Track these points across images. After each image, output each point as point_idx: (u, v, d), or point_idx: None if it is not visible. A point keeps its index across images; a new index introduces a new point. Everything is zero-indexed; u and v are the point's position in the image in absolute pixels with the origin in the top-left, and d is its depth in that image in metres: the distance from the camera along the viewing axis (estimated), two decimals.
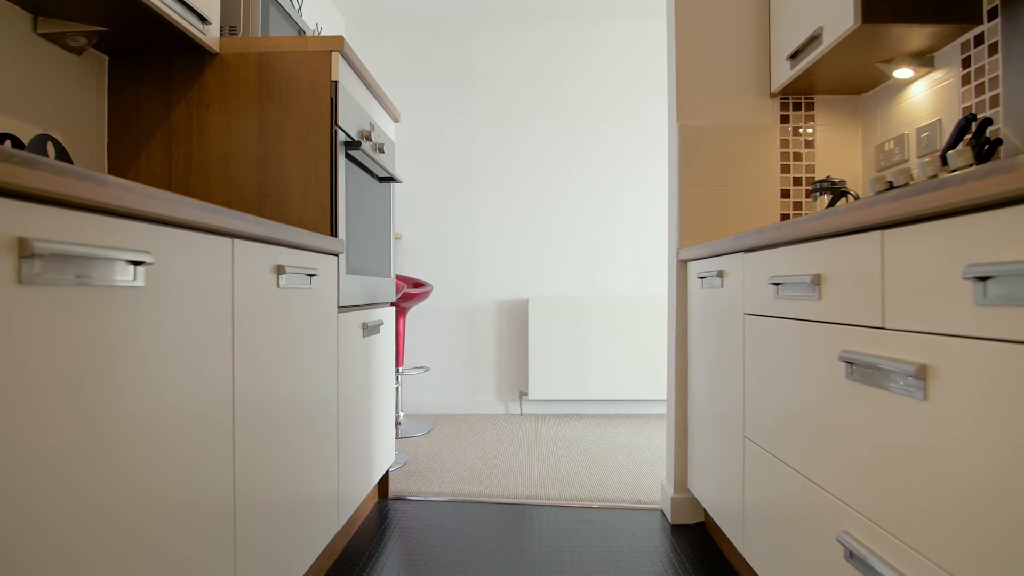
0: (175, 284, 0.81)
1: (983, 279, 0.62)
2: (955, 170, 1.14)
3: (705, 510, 1.80)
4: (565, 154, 3.54)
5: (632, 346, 3.40)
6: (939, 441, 0.70)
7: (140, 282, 0.73)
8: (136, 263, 0.72)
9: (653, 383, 3.38)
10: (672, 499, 1.86)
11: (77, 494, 0.63)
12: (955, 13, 1.37)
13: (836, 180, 1.67)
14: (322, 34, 3.14)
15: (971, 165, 1.14)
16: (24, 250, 0.56)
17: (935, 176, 1.15)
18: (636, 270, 3.54)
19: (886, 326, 0.80)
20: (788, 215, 1.85)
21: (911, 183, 0.95)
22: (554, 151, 3.54)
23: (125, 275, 0.71)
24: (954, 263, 0.67)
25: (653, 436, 2.96)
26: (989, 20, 1.35)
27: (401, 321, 3.08)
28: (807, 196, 1.85)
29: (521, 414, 3.50)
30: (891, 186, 1.11)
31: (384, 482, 2.11)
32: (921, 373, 0.72)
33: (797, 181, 1.85)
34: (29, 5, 1.27)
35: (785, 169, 1.85)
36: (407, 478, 2.29)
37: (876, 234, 0.82)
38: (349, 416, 1.58)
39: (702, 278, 1.66)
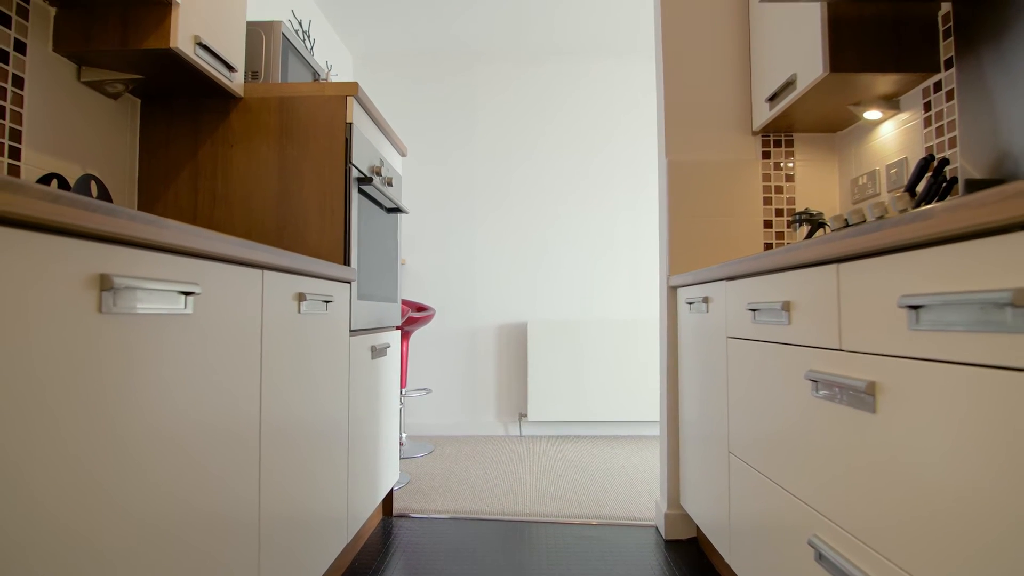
0: (216, 311, 0.92)
1: (915, 308, 0.73)
2: (902, 211, 1.26)
3: (697, 526, 1.88)
4: (562, 183, 3.68)
5: (629, 368, 3.50)
6: (888, 450, 0.80)
7: (189, 310, 0.84)
8: (187, 293, 0.83)
9: (649, 404, 3.46)
10: (666, 515, 1.94)
11: (149, 495, 0.73)
12: (915, 63, 1.51)
13: (814, 212, 1.79)
14: (332, 70, 3.30)
15: (906, 210, 1.26)
16: (105, 284, 0.67)
17: (904, 210, 1.26)
18: (632, 294, 3.65)
19: (843, 348, 0.91)
20: (771, 244, 1.97)
21: (865, 221, 1.07)
22: (551, 180, 3.68)
23: (177, 304, 0.81)
24: (892, 294, 0.78)
25: (649, 456, 3.03)
26: (946, 69, 1.49)
27: (405, 344, 3.18)
28: (788, 226, 1.97)
29: (521, 435, 3.57)
30: (847, 224, 1.23)
31: (388, 500, 2.18)
32: (870, 389, 0.82)
33: (779, 212, 1.97)
34: (75, 56, 1.41)
35: (767, 201, 1.97)
36: (410, 496, 2.37)
37: (832, 267, 0.93)
38: (358, 436, 1.67)
39: (690, 303, 1.77)
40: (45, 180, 1.29)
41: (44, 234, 0.60)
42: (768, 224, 1.97)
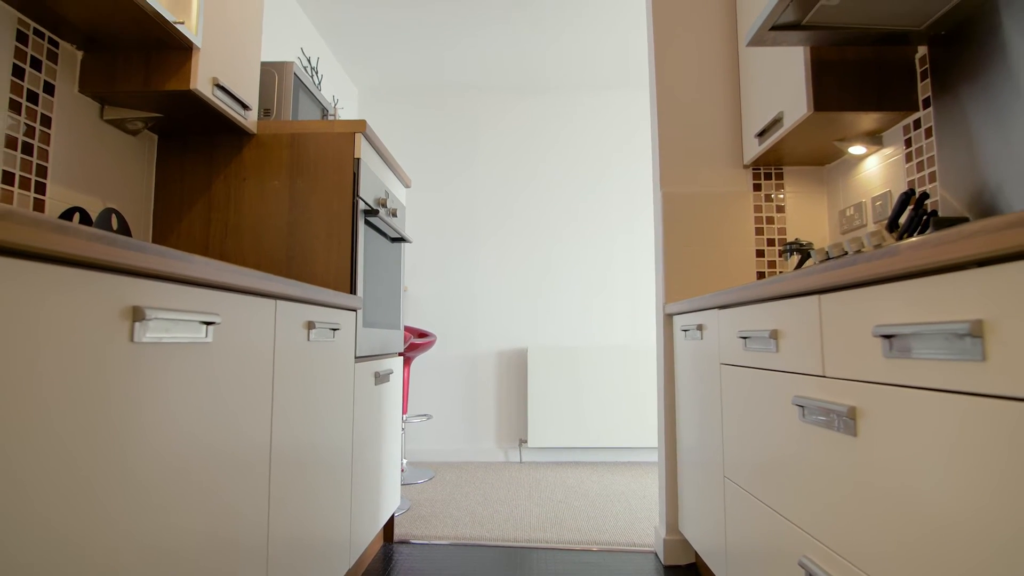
0: (233, 340, 0.97)
1: (888, 336, 0.79)
2: (876, 246, 1.32)
3: (695, 551, 1.90)
4: (560, 211, 3.76)
5: (629, 394, 3.53)
6: (869, 472, 0.84)
7: (210, 339, 0.89)
8: (208, 323, 0.88)
9: (649, 430, 3.48)
10: (665, 541, 1.96)
11: (168, 519, 0.78)
12: (895, 102, 1.59)
13: (804, 242, 1.85)
14: (339, 103, 3.41)
15: (880, 245, 1.32)
16: (137, 315, 0.73)
17: (878, 245, 1.33)
18: (630, 321, 3.70)
19: (826, 374, 0.96)
20: (764, 273, 2.03)
21: (844, 255, 1.13)
22: (550, 208, 3.77)
23: (199, 333, 0.87)
24: (868, 323, 0.84)
25: (648, 482, 3.04)
26: (924, 108, 1.57)
27: (406, 370, 3.22)
28: (780, 256, 2.03)
29: (521, 461, 3.59)
30: (827, 257, 1.29)
31: (389, 526, 2.20)
32: (851, 414, 0.87)
33: (770, 242, 2.04)
34: (99, 96, 1.49)
35: (759, 231, 2.04)
36: (411, 522, 2.38)
37: (815, 298, 0.99)
38: (361, 461, 1.70)
39: (685, 331, 1.82)
40: (68, 213, 1.35)
41: (88, 271, 0.66)
42: (760, 253, 2.04)
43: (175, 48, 1.41)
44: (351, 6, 2.89)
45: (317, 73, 2.71)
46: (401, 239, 2.16)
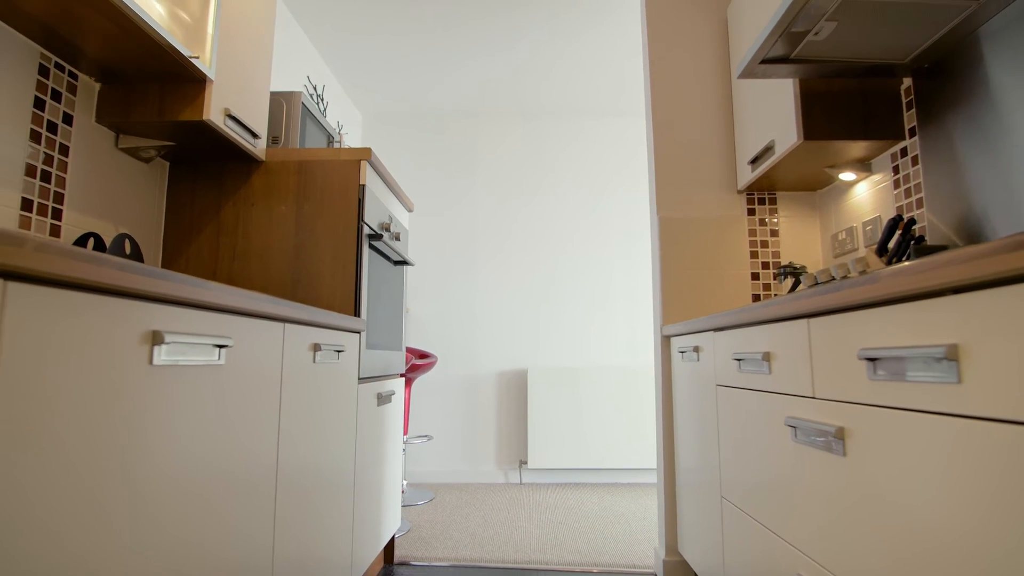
0: (244, 362, 1.00)
1: (872, 360, 0.82)
2: (862, 272, 1.37)
3: (695, 571, 1.90)
4: (560, 233, 3.82)
5: (628, 415, 3.54)
6: (858, 491, 0.87)
7: (222, 361, 0.93)
8: (220, 346, 0.92)
9: (649, 451, 3.49)
10: (664, 562, 1.96)
11: (179, 540, 0.80)
12: (882, 131, 1.64)
13: (798, 266, 1.90)
14: (343, 129, 3.49)
15: (865, 271, 1.36)
16: (156, 339, 0.77)
17: (864, 271, 1.37)
18: (630, 342, 3.73)
19: (816, 396, 0.99)
20: (759, 295, 2.07)
21: (833, 280, 1.17)
22: (549, 230, 3.82)
23: (212, 356, 0.90)
24: (853, 346, 0.87)
25: (649, 503, 3.04)
26: (910, 137, 1.62)
27: (407, 391, 3.24)
28: (774, 279, 2.07)
29: (521, 483, 3.58)
30: (816, 282, 1.33)
31: (390, 547, 2.21)
32: (840, 434, 0.90)
33: (765, 265, 2.08)
34: (114, 126, 1.54)
35: (754, 255, 2.08)
36: (411, 544, 2.38)
37: (804, 321, 1.03)
38: (363, 483, 1.72)
39: (682, 352, 1.85)
40: (83, 239, 1.40)
41: (114, 297, 0.70)
42: (755, 276, 2.08)
43: (189, 80, 1.47)
44: (355, 35, 2.98)
45: (323, 100, 2.79)
46: (404, 262, 2.21)
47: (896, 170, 1.68)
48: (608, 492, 3.33)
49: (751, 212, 2.12)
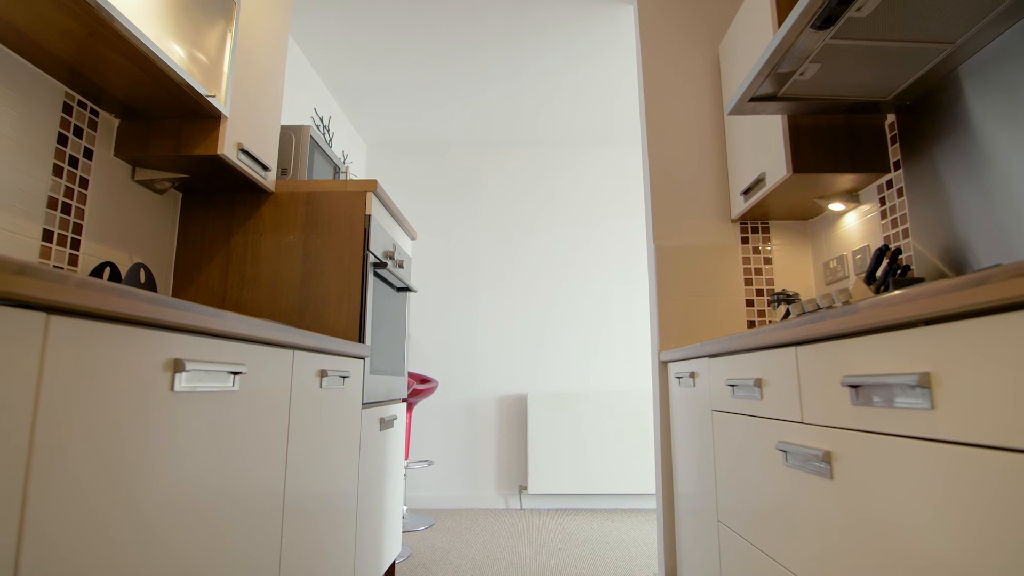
0: (256, 388, 1.05)
1: (855, 386, 0.87)
2: (845, 302, 1.42)
3: None
4: (559, 259, 3.88)
5: (629, 440, 3.55)
6: (846, 513, 0.91)
7: (236, 387, 0.97)
8: (235, 373, 0.97)
9: (650, 477, 3.49)
10: None
11: (190, 564, 0.84)
12: (868, 165, 1.71)
13: (791, 293, 1.95)
14: (348, 158, 3.57)
15: (848, 301, 1.42)
16: (178, 367, 0.81)
17: (847, 302, 1.42)
18: (630, 366, 3.76)
19: (804, 421, 1.04)
20: (754, 322, 2.12)
21: (819, 309, 1.22)
22: (549, 256, 3.89)
23: (227, 383, 0.95)
24: (837, 374, 0.92)
25: (649, 530, 3.04)
26: (895, 169, 1.69)
27: (408, 415, 3.26)
28: (768, 305, 2.12)
29: (521, 508, 3.58)
30: (803, 311, 1.38)
31: (391, 573, 2.21)
32: (827, 458, 0.94)
33: (759, 292, 2.13)
34: (131, 160, 1.61)
35: (748, 282, 2.14)
36: (412, 570, 2.39)
37: (792, 349, 1.07)
38: (366, 508, 1.75)
39: (679, 378, 1.89)
40: (100, 268, 1.45)
41: (142, 328, 0.74)
42: (750, 303, 2.13)
43: (205, 117, 1.54)
44: (359, 67, 3.08)
45: (329, 131, 2.87)
46: (407, 288, 2.26)
47: (883, 201, 1.74)
48: (608, 518, 3.33)
49: (745, 240, 2.18)
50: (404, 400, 2.32)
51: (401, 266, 2.15)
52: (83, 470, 0.65)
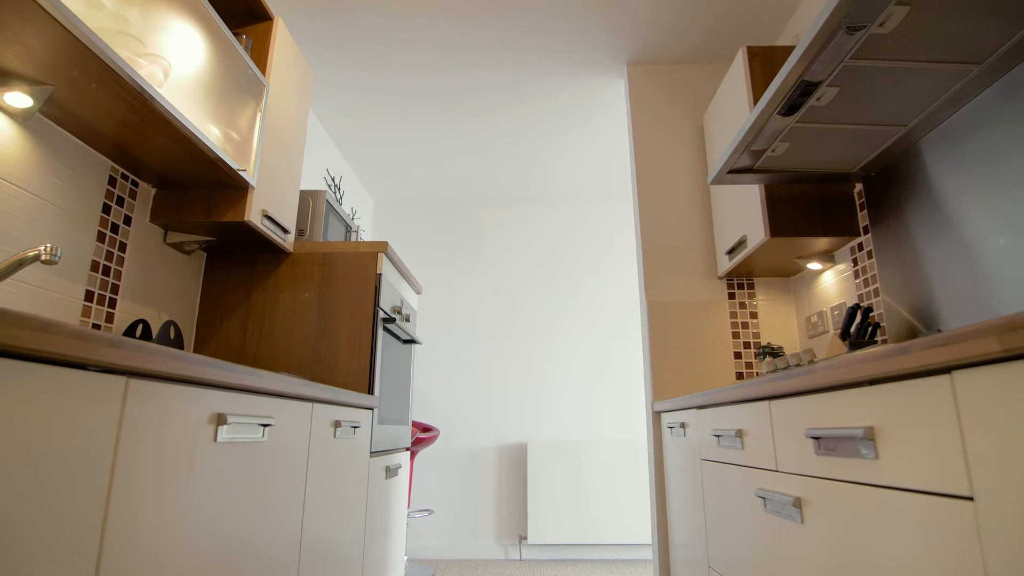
0: (280, 439, 1.15)
1: (817, 438, 0.98)
2: (810, 362, 1.54)
3: None
4: (557, 310, 4.01)
5: (629, 489, 3.59)
6: (815, 554, 1.00)
7: (265, 438, 1.08)
8: (265, 425, 1.08)
9: (648, 526, 3.51)
10: None
11: None
12: (840, 229, 1.86)
13: (775, 346, 2.07)
14: (356, 214, 3.75)
15: (812, 361, 1.54)
16: (220, 420, 0.93)
17: (812, 361, 1.54)
18: (628, 416, 3.83)
19: (778, 469, 1.14)
20: (742, 373, 2.22)
21: (788, 368, 1.34)
22: (548, 307, 4.02)
23: (257, 434, 1.06)
24: (803, 426, 1.03)
25: None
26: (865, 233, 1.84)
27: (411, 464, 3.31)
28: (755, 358, 2.24)
29: (521, 559, 3.58)
30: (776, 368, 1.50)
31: None
32: (797, 503, 1.04)
33: (747, 345, 2.25)
34: (164, 224, 1.76)
35: (736, 335, 2.26)
36: None
37: (766, 403, 1.19)
38: (372, 557, 1.81)
39: (671, 428, 1.99)
40: (133, 326, 1.57)
41: (191, 386, 0.86)
42: (738, 355, 2.24)
43: (234, 187, 1.70)
44: (368, 128, 3.30)
45: (339, 189, 3.05)
46: (412, 341, 2.38)
47: (855, 262, 1.89)
48: (608, 568, 3.33)
49: (732, 296, 2.31)
50: (407, 449, 2.40)
51: (408, 320, 2.28)
52: (146, 511, 0.75)
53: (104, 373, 0.69)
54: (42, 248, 1.05)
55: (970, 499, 0.66)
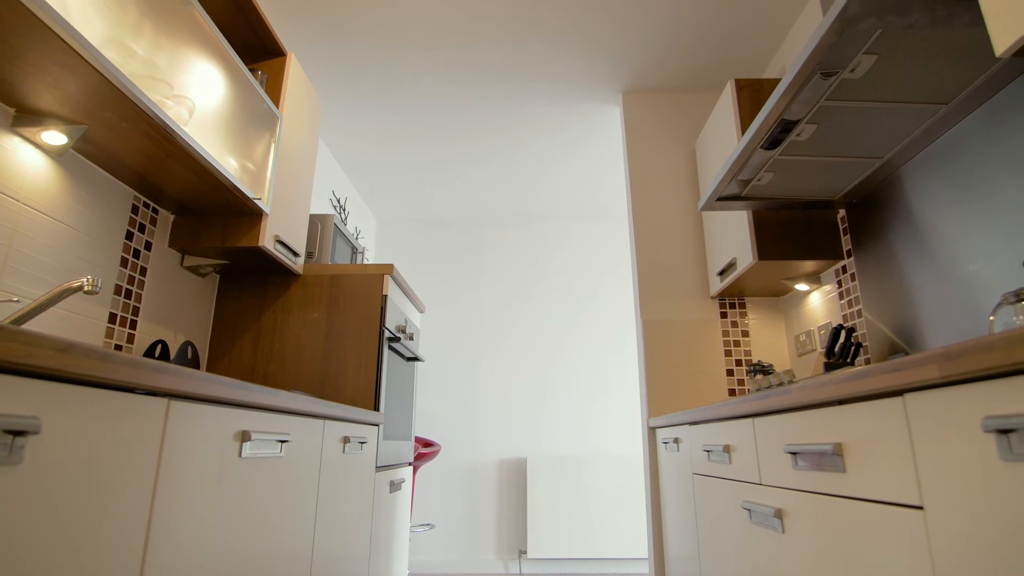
0: (295, 454, 1.23)
1: (794, 453, 1.06)
2: (789, 382, 1.62)
3: None
4: (557, 326, 4.09)
5: (628, 504, 3.64)
6: (795, 563, 1.08)
7: (283, 454, 1.16)
8: (283, 441, 1.16)
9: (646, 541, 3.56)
10: None
11: None
12: (825, 252, 1.95)
13: (766, 364, 2.15)
14: (360, 233, 3.85)
15: (792, 381, 1.63)
16: (245, 437, 1.01)
17: (791, 381, 1.62)
18: (626, 431, 3.90)
19: (762, 482, 1.22)
20: (734, 390, 2.30)
21: (770, 387, 1.42)
22: (547, 324, 4.10)
23: (276, 449, 1.14)
24: (782, 442, 1.11)
25: None
26: (848, 257, 1.93)
27: (412, 479, 3.37)
28: (747, 375, 2.32)
29: (520, 573, 3.62)
30: (759, 388, 1.58)
31: None
32: (778, 514, 1.12)
33: (738, 362, 2.33)
34: (181, 249, 1.85)
35: (728, 353, 2.34)
36: None
37: (750, 420, 1.27)
38: (376, 570, 1.88)
39: (665, 443, 2.06)
40: (153, 346, 1.66)
41: (220, 406, 0.95)
42: (730, 372, 2.33)
43: (248, 214, 1.79)
44: (372, 150, 3.40)
45: (345, 210, 3.15)
46: (415, 358, 2.46)
47: (840, 284, 1.98)
48: None
49: (724, 315, 2.40)
50: (410, 463, 2.47)
51: (411, 338, 2.36)
52: (181, 523, 0.83)
53: (148, 396, 0.78)
54: (85, 279, 1.14)
55: (920, 508, 0.74)
